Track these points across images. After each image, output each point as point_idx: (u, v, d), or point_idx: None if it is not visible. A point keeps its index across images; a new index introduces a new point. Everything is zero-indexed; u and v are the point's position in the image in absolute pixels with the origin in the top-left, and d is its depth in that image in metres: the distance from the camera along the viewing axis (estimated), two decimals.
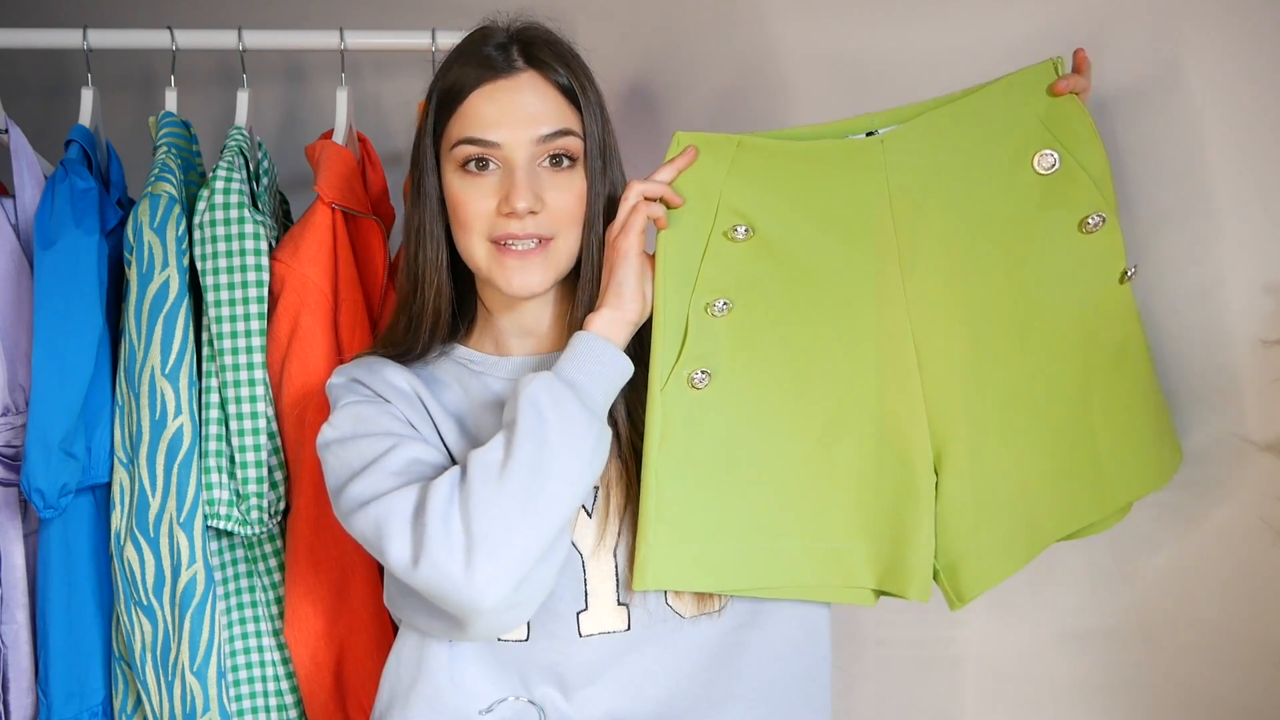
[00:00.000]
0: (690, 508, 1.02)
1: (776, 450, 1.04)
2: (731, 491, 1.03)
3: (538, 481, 0.91)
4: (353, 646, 1.30)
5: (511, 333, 1.10)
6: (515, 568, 0.90)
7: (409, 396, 1.05)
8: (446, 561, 0.89)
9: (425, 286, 1.07)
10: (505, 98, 1.01)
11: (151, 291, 1.20)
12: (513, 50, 1.03)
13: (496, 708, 1.03)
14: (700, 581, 1.02)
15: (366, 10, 1.59)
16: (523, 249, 1.02)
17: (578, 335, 0.99)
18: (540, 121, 1.01)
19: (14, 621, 1.26)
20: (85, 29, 1.33)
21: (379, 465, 0.97)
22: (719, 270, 1.02)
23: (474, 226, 1.02)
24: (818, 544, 1.04)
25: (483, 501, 0.90)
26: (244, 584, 1.32)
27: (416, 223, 1.07)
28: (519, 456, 0.92)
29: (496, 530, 0.90)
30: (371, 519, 0.94)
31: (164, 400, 1.21)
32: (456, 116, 1.02)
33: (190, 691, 1.24)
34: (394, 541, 0.91)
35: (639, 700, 1.03)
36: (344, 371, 1.08)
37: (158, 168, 1.26)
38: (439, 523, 0.90)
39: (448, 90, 1.03)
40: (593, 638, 1.02)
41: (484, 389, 1.08)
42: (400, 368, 1.07)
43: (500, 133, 1.01)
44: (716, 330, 1.02)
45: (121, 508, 1.23)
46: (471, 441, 1.04)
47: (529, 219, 1.01)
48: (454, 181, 1.03)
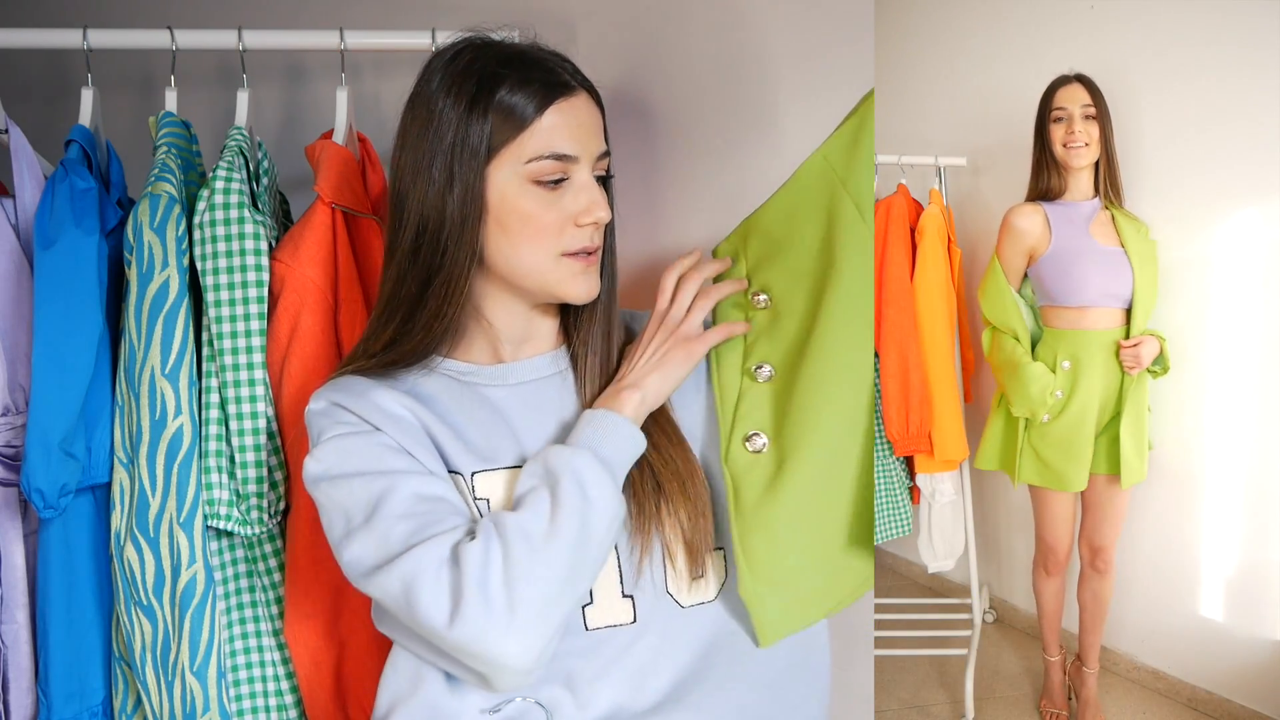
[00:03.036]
0: (776, 556, 1.06)
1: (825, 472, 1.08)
2: (805, 531, 1.07)
3: (578, 557, 0.93)
4: (353, 646, 1.30)
5: (511, 340, 1.10)
6: (551, 634, 0.92)
7: (404, 420, 1.03)
8: (486, 628, 0.89)
9: (448, 295, 1.04)
10: (575, 113, 1.04)
11: (151, 291, 1.21)
12: (563, 67, 1.05)
13: (503, 707, 1.03)
14: (808, 618, 1.09)
15: (366, 10, 1.60)
16: (592, 258, 1.06)
17: (610, 417, 1.02)
18: (598, 137, 1.06)
19: (14, 621, 1.26)
20: (85, 29, 1.33)
21: (381, 511, 0.96)
22: (756, 337, 1.12)
23: (545, 238, 1.03)
24: (851, 560, 1.09)
25: (525, 571, 0.91)
26: (244, 584, 1.32)
27: (447, 231, 1.02)
28: (565, 531, 0.93)
29: (538, 600, 0.91)
30: (398, 582, 0.92)
31: (164, 400, 1.21)
32: (531, 132, 1.01)
33: (190, 691, 1.24)
34: (426, 603, 0.90)
35: (642, 691, 1.04)
36: (323, 396, 1.05)
37: (158, 168, 1.26)
38: (476, 588, 0.90)
39: (514, 106, 1.01)
40: (599, 631, 1.03)
41: (479, 400, 1.07)
42: (388, 389, 1.04)
43: (577, 146, 1.03)
44: (762, 393, 1.09)
45: (121, 508, 1.23)
46: (473, 452, 1.04)
47: (594, 229, 1.05)
48: (525, 195, 1.02)
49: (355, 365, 1.07)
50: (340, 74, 1.40)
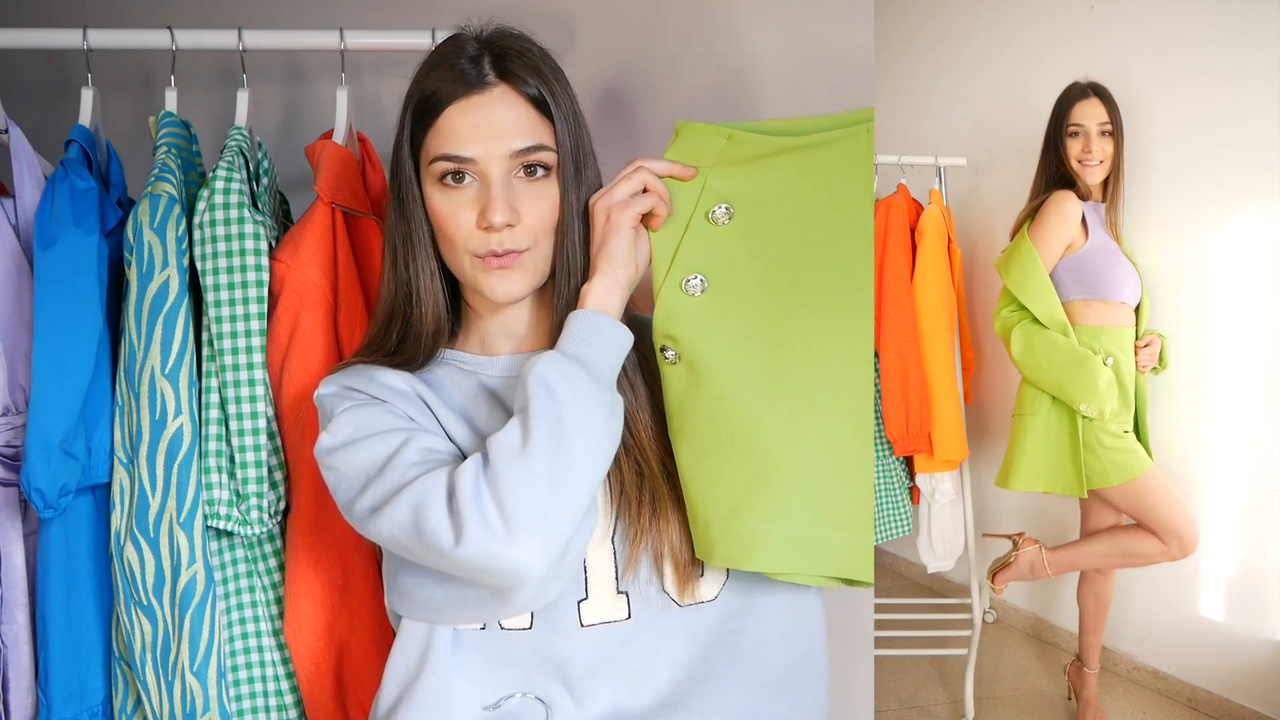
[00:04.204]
0: (688, 483, 1.04)
1: (748, 431, 1.03)
2: (714, 469, 1.03)
3: (560, 455, 0.93)
4: (353, 646, 1.30)
5: (497, 333, 1.12)
6: (555, 538, 0.92)
7: (409, 396, 1.06)
8: (487, 540, 0.91)
9: (422, 297, 1.08)
10: (479, 113, 1.03)
11: (151, 291, 1.21)
12: (484, 63, 1.04)
13: (504, 704, 1.03)
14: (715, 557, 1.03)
15: (366, 10, 1.60)
16: (502, 261, 1.04)
17: (574, 314, 1.01)
18: (513, 135, 1.03)
19: (14, 621, 1.26)
20: (85, 29, 1.33)
21: (396, 461, 0.98)
22: (697, 249, 1.05)
23: (457, 239, 1.04)
24: (787, 529, 1.02)
25: (510, 481, 0.92)
26: (244, 584, 1.32)
27: (404, 232, 1.07)
28: (537, 434, 0.93)
29: (529, 505, 0.91)
30: (406, 507, 0.95)
31: (164, 400, 1.21)
32: (433, 132, 1.03)
33: (190, 691, 1.24)
34: (432, 524, 0.93)
35: (640, 691, 1.04)
36: (333, 380, 1.08)
37: (158, 168, 1.26)
38: (471, 504, 0.91)
39: (423, 104, 1.04)
40: (594, 627, 1.04)
41: (478, 386, 1.09)
42: (395, 371, 1.08)
43: (475, 148, 1.02)
44: (689, 308, 1.05)
45: (121, 508, 1.23)
46: (480, 437, 1.05)
47: (506, 231, 1.03)
48: (434, 195, 1.05)
49: (361, 360, 1.10)
50: (340, 74, 1.40)
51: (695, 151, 1.06)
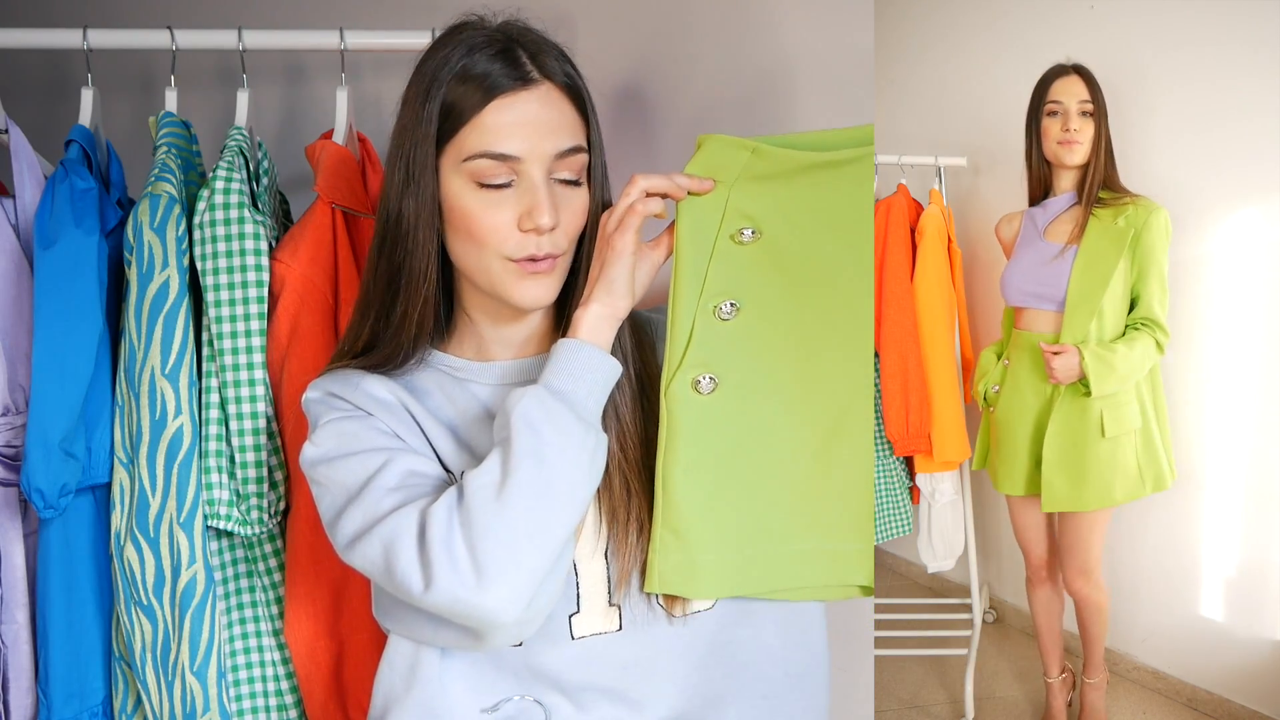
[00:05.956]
0: (698, 514, 1.02)
1: (783, 454, 1.05)
2: (739, 497, 1.04)
3: (540, 501, 0.90)
4: (352, 646, 1.30)
5: (495, 340, 1.08)
6: (528, 585, 0.90)
7: (393, 407, 1.03)
8: (457, 588, 0.88)
9: (411, 296, 1.02)
10: (524, 109, 0.98)
11: (151, 291, 1.20)
12: (522, 57, 0.99)
13: (502, 706, 1.03)
14: (709, 589, 1.03)
15: (366, 10, 1.59)
16: (541, 266, 1.00)
17: (562, 343, 0.97)
18: (558, 135, 0.99)
19: (14, 621, 1.26)
20: (85, 29, 1.33)
21: (374, 484, 0.95)
22: (725, 272, 1.02)
23: (490, 241, 0.99)
24: (823, 545, 1.06)
25: (484, 527, 0.89)
26: (244, 584, 1.32)
27: (404, 229, 1.01)
28: (518, 477, 0.90)
29: (502, 552, 0.89)
30: (378, 545, 0.92)
31: (164, 400, 1.20)
32: (471, 127, 0.98)
33: (190, 691, 1.24)
34: (403, 567, 0.90)
35: (638, 706, 1.03)
36: (319, 385, 1.05)
37: (158, 168, 1.26)
38: (442, 549, 0.89)
39: (458, 99, 0.98)
40: (585, 639, 1.02)
41: (470, 397, 1.06)
42: (379, 378, 1.04)
43: (521, 146, 0.97)
44: (723, 334, 1.02)
45: (121, 508, 1.23)
46: (466, 450, 1.03)
47: (547, 236, 0.99)
48: (466, 195, 0.99)
49: (343, 361, 1.07)
50: (340, 74, 1.40)
51: (718, 166, 1.01)
